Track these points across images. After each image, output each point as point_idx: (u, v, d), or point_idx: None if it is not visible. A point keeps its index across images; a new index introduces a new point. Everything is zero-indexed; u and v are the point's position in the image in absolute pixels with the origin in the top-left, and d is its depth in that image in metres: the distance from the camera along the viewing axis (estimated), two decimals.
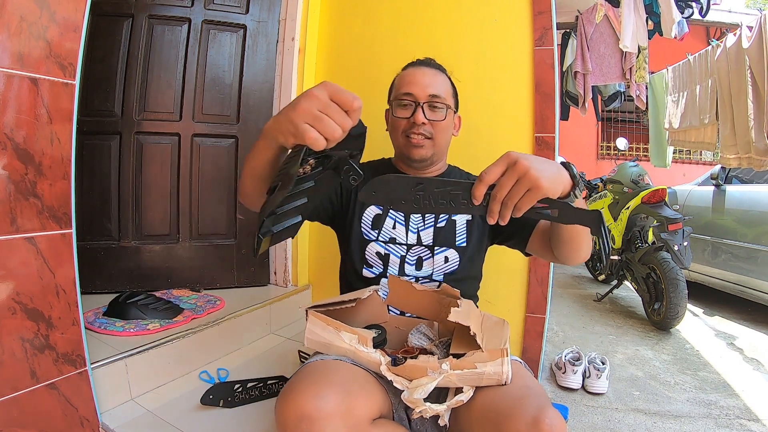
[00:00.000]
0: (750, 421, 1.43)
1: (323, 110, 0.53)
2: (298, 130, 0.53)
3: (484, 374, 0.71)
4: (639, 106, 3.21)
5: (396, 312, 0.96)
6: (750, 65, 2.37)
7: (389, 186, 0.59)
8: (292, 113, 0.54)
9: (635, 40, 2.48)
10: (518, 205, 0.57)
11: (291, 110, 0.55)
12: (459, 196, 0.59)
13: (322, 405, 0.62)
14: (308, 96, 0.54)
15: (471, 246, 1.00)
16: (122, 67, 1.56)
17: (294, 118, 0.54)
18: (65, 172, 0.90)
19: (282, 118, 0.56)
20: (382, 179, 0.59)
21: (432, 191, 0.59)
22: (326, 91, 0.54)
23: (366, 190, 0.59)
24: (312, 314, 0.80)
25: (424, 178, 0.60)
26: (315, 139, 0.52)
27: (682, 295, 2.19)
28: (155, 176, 1.63)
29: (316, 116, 0.53)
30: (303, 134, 0.53)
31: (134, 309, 1.33)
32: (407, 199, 0.59)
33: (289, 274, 1.79)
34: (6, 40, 0.80)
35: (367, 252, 0.98)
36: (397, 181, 0.59)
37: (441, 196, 0.59)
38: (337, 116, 0.54)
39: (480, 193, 0.57)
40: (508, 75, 1.48)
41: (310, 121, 0.53)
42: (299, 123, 0.53)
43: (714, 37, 4.31)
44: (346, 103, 0.54)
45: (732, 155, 2.62)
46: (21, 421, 0.85)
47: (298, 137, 0.54)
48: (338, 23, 1.79)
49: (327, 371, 0.72)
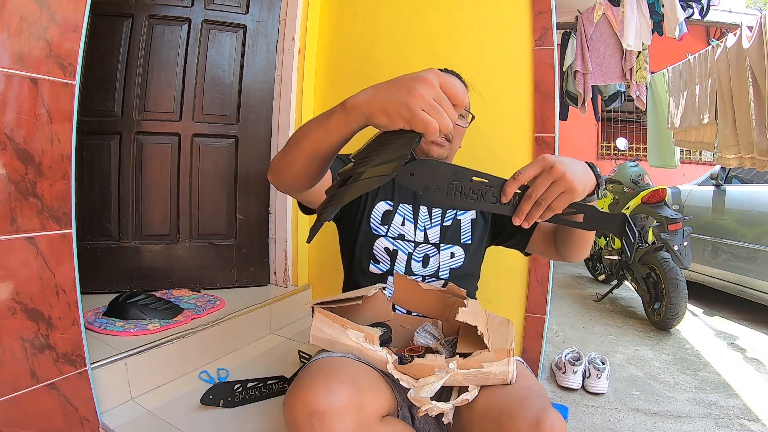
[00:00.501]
0: (750, 421, 1.43)
1: (437, 100, 0.50)
2: (415, 117, 0.49)
3: (490, 374, 0.72)
4: (639, 106, 3.21)
5: (401, 310, 0.96)
6: (751, 65, 2.37)
7: (429, 169, 0.57)
8: (407, 97, 0.49)
9: (639, 39, 2.47)
10: (552, 205, 0.58)
11: (404, 93, 0.50)
12: (490, 192, 0.59)
13: (333, 400, 0.61)
14: (424, 82, 0.50)
15: (474, 244, 1.01)
16: (122, 67, 1.56)
17: (410, 103, 0.49)
18: (65, 172, 0.90)
19: (387, 98, 0.51)
20: (423, 161, 0.58)
21: (467, 182, 0.58)
22: (438, 80, 0.50)
23: (405, 171, 0.56)
24: (318, 311, 0.80)
25: (461, 168, 0.59)
26: (436, 130, 0.49)
27: (682, 295, 2.19)
28: (155, 176, 1.63)
29: (432, 105, 0.49)
30: (425, 123, 0.49)
31: (134, 309, 1.33)
32: (441, 187, 0.58)
33: (289, 274, 1.79)
34: (6, 40, 0.80)
35: (376, 247, 0.98)
36: (437, 166, 0.58)
37: (473, 189, 0.59)
38: (450, 110, 0.50)
39: (511, 190, 0.58)
40: (508, 75, 1.48)
41: (427, 108, 0.49)
42: (417, 109, 0.49)
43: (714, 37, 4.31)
44: (457, 98, 0.51)
45: (732, 155, 2.62)
46: (21, 421, 0.85)
47: (415, 124, 0.49)
48: (338, 23, 1.79)
49: (336, 367, 0.72)
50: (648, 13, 2.46)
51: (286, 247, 1.78)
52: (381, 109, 0.51)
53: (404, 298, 0.95)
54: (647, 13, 2.46)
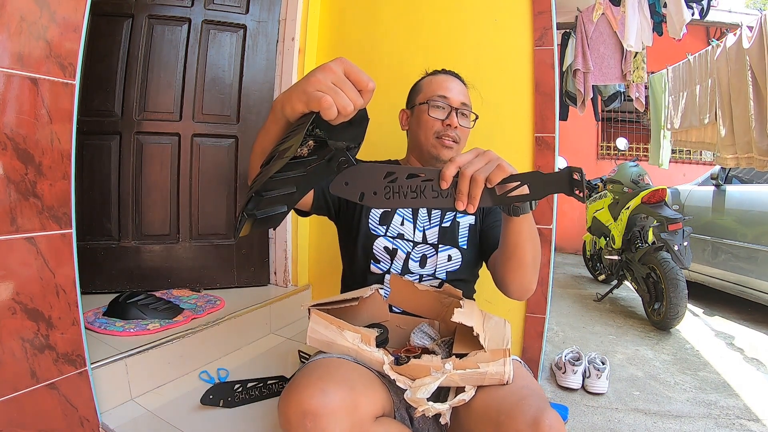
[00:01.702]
0: (750, 421, 1.43)
1: (337, 83, 0.51)
2: (310, 98, 0.51)
3: (486, 374, 0.72)
4: (638, 107, 3.21)
5: (398, 311, 0.96)
6: (751, 65, 2.37)
7: (361, 175, 0.56)
8: (304, 84, 0.52)
9: (640, 40, 2.47)
10: (490, 177, 0.57)
11: (304, 81, 0.53)
12: (429, 186, 0.57)
13: (326, 401, 0.62)
14: (323, 68, 0.52)
15: (471, 249, 1.01)
16: (122, 67, 1.56)
17: (307, 88, 0.51)
18: (65, 172, 0.90)
19: (293, 89, 0.54)
20: (354, 168, 0.56)
21: (403, 181, 0.57)
22: (342, 67, 0.52)
23: (337, 182, 0.56)
24: (315, 312, 0.80)
25: (395, 167, 0.57)
26: (329, 105, 0.49)
27: (682, 295, 2.19)
28: (155, 176, 1.63)
29: (330, 87, 0.51)
30: (317, 100, 0.50)
31: (134, 309, 1.33)
32: (377, 191, 0.56)
33: (289, 274, 1.80)
34: (6, 40, 0.80)
35: (375, 247, 0.98)
36: (368, 170, 0.57)
37: (411, 187, 0.57)
38: (351, 92, 0.51)
39: (450, 173, 0.57)
40: (508, 75, 1.48)
41: (324, 90, 0.51)
42: (312, 91, 0.51)
43: (714, 37, 4.31)
44: (361, 82, 0.52)
45: (730, 155, 2.62)
46: (21, 421, 0.85)
47: (310, 104, 0.51)
48: (338, 23, 1.79)
49: (331, 368, 0.72)
50: (649, 13, 2.46)
51: (286, 247, 1.78)
52: (287, 100, 0.54)
53: (400, 299, 0.95)
54: (648, 14, 2.46)
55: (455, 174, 0.58)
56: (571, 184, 0.57)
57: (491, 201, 0.59)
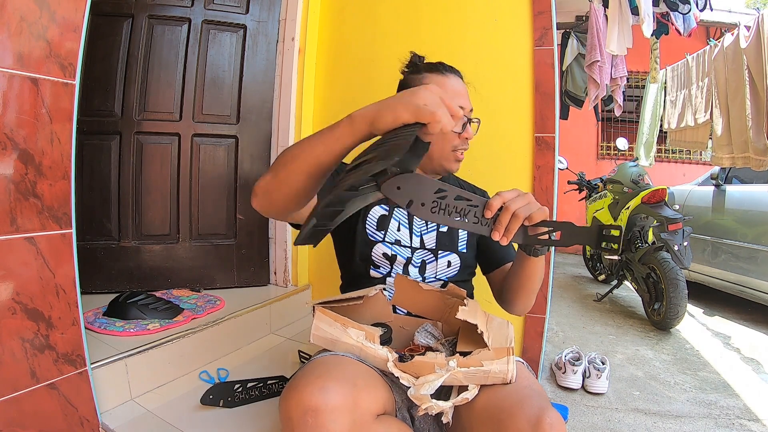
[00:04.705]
0: (750, 421, 1.43)
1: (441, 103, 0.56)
2: (422, 110, 0.54)
3: (490, 372, 0.72)
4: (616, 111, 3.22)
5: (401, 312, 0.96)
6: (748, 65, 2.37)
7: (415, 184, 0.58)
8: (411, 97, 0.55)
9: (622, 44, 2.45)
10: (531, 216, 0.62)
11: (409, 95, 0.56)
12: (473, 212, 0.61)
13: (327, 398, 0.61)
14: (427, 88, 0.56)
15: (470, 252, 1.01)
16: (122, 67, 1.56)
17: (415, 100, 0.54)
18: (65, 172, 0.90)
19: (392, 101, 0.57)
20: (411, 175, 0.58)
21: (451, 200, 0.60)
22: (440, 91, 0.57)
23: (391, 183, 0.57)
24: (320, 310, 0.80)
25: (447, 186, 0.60)
26: (440, 119, 0.53)
27: (682, 295, 2.19)
28: (155, 176, 1.63)
29: (439, 104, 0.54)
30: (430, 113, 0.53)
31: (134, 309, 1.33)
32: (425, 203, 0.59)
33: (289, 274, 1.79)
34: (6, 40, 0.80)
35: (374, 253, 0.97)
36: (423, 181, 0.59)
37: (457, 208, 0.60)
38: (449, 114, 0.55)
39: (496, 205, 0.62)
40: (508, 75, 1.48)
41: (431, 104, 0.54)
42: (422, 104, 0.54)
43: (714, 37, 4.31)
44: (452, 108, 0.56)
45: (725, 155, 2.62)
46: (21, 421, 0.85)
47: (421, 115, 0.54)
48: (338, 23, 1.79)
49: (332, 366, 0.72)
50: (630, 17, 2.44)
51: (286, 247, 1.78)
52: (387, 109, 0.56)
53: (404, 300, 0.95)
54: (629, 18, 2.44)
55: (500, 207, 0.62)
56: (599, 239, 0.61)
57: (522, 239, 0.64)
